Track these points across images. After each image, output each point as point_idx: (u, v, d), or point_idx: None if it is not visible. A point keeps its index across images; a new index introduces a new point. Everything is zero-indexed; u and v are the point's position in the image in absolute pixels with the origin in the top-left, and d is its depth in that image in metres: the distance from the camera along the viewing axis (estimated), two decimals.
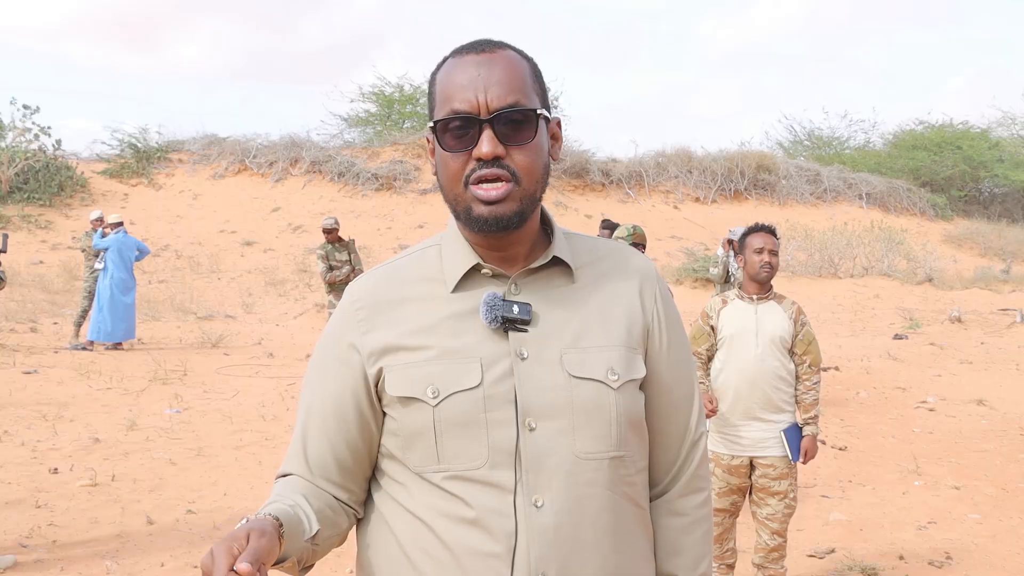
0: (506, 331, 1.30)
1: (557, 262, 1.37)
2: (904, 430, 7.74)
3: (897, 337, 13.37)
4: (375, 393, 1.34)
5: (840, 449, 6.99)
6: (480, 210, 1.28)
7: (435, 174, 1.37)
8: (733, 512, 3.89)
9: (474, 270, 1.35)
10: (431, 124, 1.31)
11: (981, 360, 11.28)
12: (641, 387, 1.39)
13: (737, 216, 24.18)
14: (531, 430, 1.28)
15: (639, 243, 5.90)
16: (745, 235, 3.94)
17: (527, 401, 1.29)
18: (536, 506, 1.26)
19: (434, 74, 1.35)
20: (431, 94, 1.35)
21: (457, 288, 1.34)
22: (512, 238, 1.34)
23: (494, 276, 1.35)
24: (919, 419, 8.15)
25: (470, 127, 1.27)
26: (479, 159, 1.27)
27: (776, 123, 62.20)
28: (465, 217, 1.30)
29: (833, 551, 4.78)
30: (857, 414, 8.29)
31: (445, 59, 1.35)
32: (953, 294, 18.86)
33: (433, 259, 1.38)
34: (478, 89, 1.27)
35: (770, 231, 3.91)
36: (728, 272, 8.03)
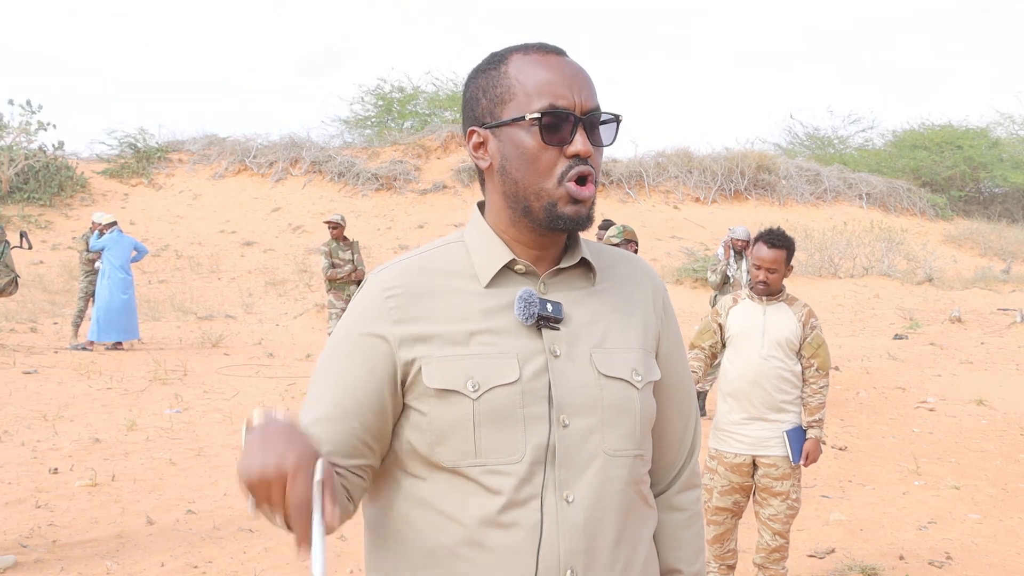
0: (539, 328, 1.32)
1: (580, 263, 1.40)
2: (904, 430, 7.74)
3: (897, 337, 13.37)
4: (400, 384, 1.31)
5: (840, 449, 6.99)
6: (567, 209, 1.29)
7: (488, 168, 1.34)
8: (736, 512, 3.87)
9: (505, 267, 1.35)
10: (533, 116, 1.27)
11: (981, 360, 11.28)
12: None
13: (737, 216, 24.22)
14: (564, 426, 1.30)
15: (630, 239, 5.94)
16: (756, 239, 3.92)
17: (561, 398, 1.30)
18: (567, 501, 1.28)
19: (493, 69, 1.33)
20: (494, 88, 1.32)
21: (490, 284, 1.34)
22: (560, 236, 1.36)
23: (525, 273, 1.36)
24: (919, 419, 8.15)
25: (564, 124, 1.28)
26: (575, 156, 1.28)
27: (777, 122, 62.25)
28: (546, 213, 1.30)
29: (833, 551, 4.78)
30: (857, 414, 8.29)
31: (505, 56, 1.34)
32: (953, 294, 18.85)
33: (460, 254, 1.38)
34: (572, 88, 1.29)
35: (775, 245, 3.77)
36: (727, 277, 8.04)
